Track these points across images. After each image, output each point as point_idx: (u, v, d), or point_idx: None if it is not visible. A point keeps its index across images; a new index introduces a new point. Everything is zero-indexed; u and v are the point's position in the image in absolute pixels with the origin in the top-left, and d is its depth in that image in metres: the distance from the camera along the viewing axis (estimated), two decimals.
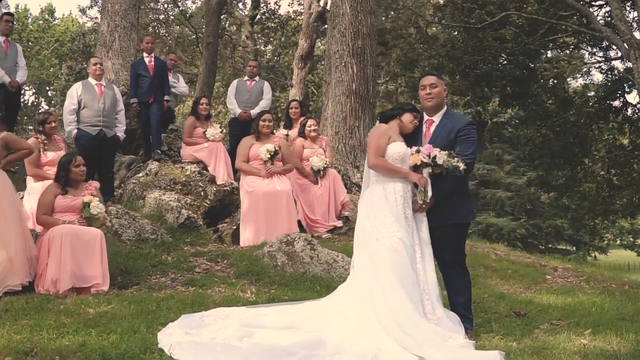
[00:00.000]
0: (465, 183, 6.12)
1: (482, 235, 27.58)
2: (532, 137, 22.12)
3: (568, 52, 23.23)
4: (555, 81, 22.25)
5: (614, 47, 18.74)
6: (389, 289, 5.55)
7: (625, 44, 14.82)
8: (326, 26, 25.91)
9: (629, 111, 22.56)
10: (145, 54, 11.51)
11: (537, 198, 31.73)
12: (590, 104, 22.06)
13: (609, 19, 18.56)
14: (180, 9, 22.05)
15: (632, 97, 60.22)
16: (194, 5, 22.08)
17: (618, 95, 22.26)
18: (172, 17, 22.08)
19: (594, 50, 22.59)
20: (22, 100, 12.73)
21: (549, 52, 23.02)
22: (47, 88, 43.81)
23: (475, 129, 6.10)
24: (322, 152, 10.67)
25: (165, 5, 21.74)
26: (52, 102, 42.40)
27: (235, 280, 7.64)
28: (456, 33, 19.68)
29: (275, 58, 27.83)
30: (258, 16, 26.24)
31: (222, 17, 21.83)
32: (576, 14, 18.32)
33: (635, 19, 19.24)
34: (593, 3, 19.96)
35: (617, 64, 22.49)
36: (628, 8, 19.23)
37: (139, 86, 11.28)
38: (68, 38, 36.48)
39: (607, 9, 18.46)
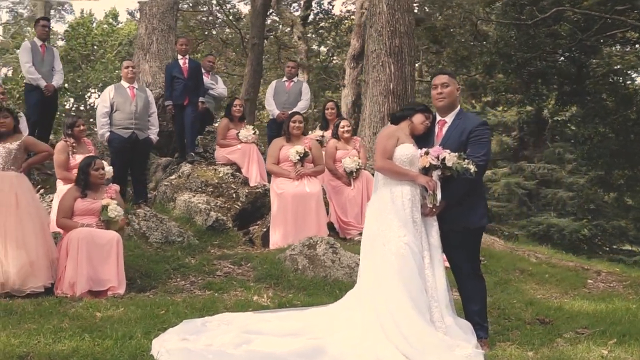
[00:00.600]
0: (479, 186, 5.85)
1: (542, 237, 26.87)
2: (590, 136, 21.44)
3: (629, 48, 22.44)
4: (615, 77, 21.50)
5: None
6: (393, 296, 5.37)
7: None
8: None
9: None
10: (179, 56, 11.52)
11: (600, 198, 30.76)
12: None
13: None
14: (230, 10, 22.07)
15: None
16: (247, 6, 22.09)
17: None
18: (220, 19, 22.11)
19: None
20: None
21: (608, 47, 22.28)
22: None
23: (488, 129, 5.85)
24: (356, 153, 10.51)
25: (212, 7, 21.81)
26: None
27: (254, 284, 7.55)
28: (508, 30, 19.17)
29: (329, 58, 27.72)
30: (311, 16, 26.16)
31: (267, 18, 21.77)
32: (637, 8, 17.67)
33: None
34: None
35: None
36: None
37: (174, 88, 11.29)
38: (125, 41, 37.18)
39: None
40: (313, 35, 28.16)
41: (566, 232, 30.78)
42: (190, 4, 22.06)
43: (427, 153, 5.61)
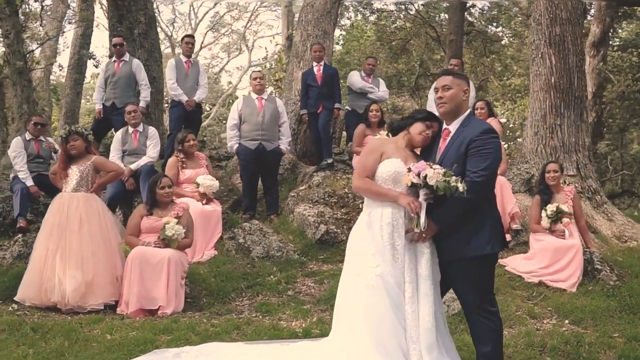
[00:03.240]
0: (483, 206, 4.83)
1: None
2: None
3: None
4: None
5: None
6: (357, 339, 4.66)
7: None
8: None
9: None
10: (314, 63, 11.24)
11: None
12: None
13: None
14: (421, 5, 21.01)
15: None
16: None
17: None
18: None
19: None
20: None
21: None
22: None
23: (493, 138, 4.78)
24: None
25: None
26: None
27: (312, 306, 7.06)
28: None
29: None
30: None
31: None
32: None
33: None
34: None
35: None
36: None
37: (308, 96, 11.05)
38: None
39: None
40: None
41: None
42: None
43: (409, 169, 4.80)
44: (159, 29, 36.86)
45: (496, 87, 22.97)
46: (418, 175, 4.67)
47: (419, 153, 5.17)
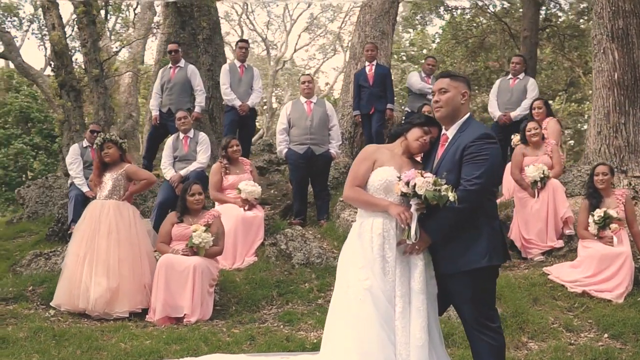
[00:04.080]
0: (479, 216, 4.53)
1: None
2: None
3: None
4: None
5: None
6: (343, 351, 4.50)
7: None
8: None
9: None
10: (366, 63, 11.04)
11: None
12: None
13: None
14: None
15: None
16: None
17: None
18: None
19: None
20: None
21: None
22: None
23: (489, 143, 4.49)
24: (547, 159, 9.08)
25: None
26: None
27: None
28: None
29: None
30: None
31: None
32: None
33: None
34: None
35: None
36: None
37: (360, 97, 10.87)
38: None
39: None
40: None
41: None
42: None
43: (399, 178, 4.60)
44: (251, 32, 37.47)
45: (584, 83, 22.04)
46: (407, 184, 4.47)
47: (420, 160, 4.97)
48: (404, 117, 11.90)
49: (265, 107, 35.03)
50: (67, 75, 15.57)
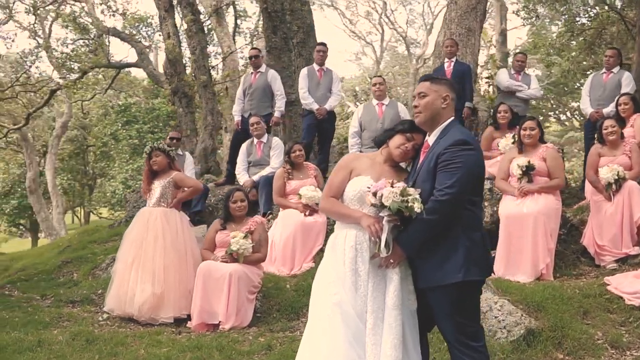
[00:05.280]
0: (455, 228, 4.24)
1: None
2: None
3: None
4: None
5: None
6: None
7: None
8: None
9: None
10: (446, 59, 10.67)
11: None
12: None
13: None
14: None
15: None
16: None
17: None
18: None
19: None
20: None
21: None
22: None
23: (464, 150, 4.16)
24: (627, 159, 8.43)
25: None
26: None
27: None
28: None
29: None
30: None
31: None
32: None
33: None
34: None
35: None
36: None
37: None
38: None
39: None
40: None
41: None
42: None
43: (369, 188, 4.42)
44: (391, 31, 37.23)
45: None
46: (374, 194, 4.29)
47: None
48: (490, 116, 11.41)
49: None
50: (179, 82, 16.19)
